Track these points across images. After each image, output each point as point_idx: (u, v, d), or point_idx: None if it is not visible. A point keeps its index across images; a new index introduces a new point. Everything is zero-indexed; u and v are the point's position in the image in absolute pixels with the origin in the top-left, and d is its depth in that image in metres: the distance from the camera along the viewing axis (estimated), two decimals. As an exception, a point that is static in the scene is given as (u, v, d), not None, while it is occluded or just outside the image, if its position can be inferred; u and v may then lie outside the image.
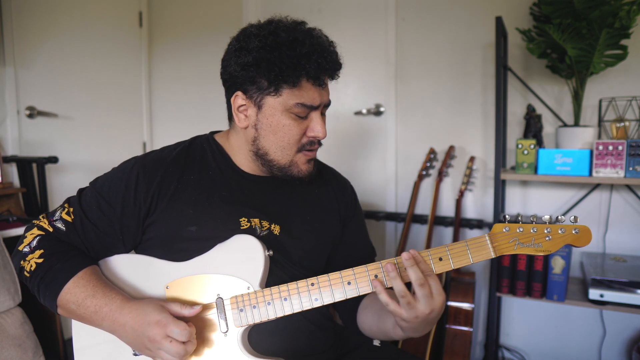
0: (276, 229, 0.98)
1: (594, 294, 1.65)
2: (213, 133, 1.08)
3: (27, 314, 1.46)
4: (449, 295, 1.93)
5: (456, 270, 2.03)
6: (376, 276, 0.85)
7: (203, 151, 1.02)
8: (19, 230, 1.64)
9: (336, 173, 1.18)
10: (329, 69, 0.92)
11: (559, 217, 0.83)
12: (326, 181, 1.12)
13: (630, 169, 1.62)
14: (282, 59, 0.87)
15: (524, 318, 2.15)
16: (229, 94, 0.97)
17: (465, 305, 1.91)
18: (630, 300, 1.61)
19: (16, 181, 2.09)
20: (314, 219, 1.05)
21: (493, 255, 0.83)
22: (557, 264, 1.71)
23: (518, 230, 0.83)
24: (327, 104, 0.98)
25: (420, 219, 2.20)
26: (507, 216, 0.85)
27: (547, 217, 0.83)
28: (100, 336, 0.90)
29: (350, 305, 1.06)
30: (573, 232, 0.82)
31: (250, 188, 1.00)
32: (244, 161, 1.01)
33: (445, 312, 1.92)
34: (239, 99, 0.94)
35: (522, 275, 1.77)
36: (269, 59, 0.88)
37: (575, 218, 0.82)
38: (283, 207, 1.02)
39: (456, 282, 1.98)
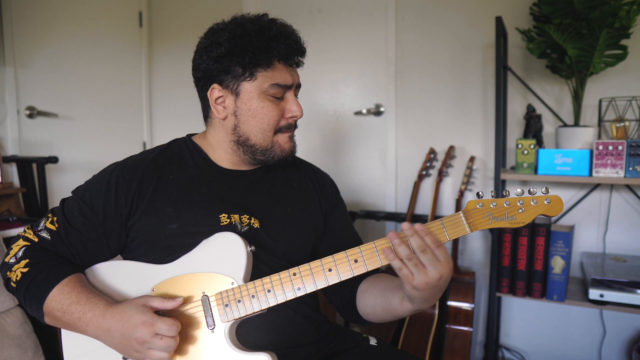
0: (256, 223, 0.99)
1: (594, 294, 1.65)
2: (190, 135, 1.10)
3: (27, 314, 1.46)
4: (448, 295, 1.93)
5: (456, 270, 2.03)
6: (356, 259, 0.86)
7: (181, 152, 1.04)
8: (19, 230, 1.64)
9: (315, 168, 1.20)
10: (297, 49, 0.98)
11: (531, 190, 0.84)
12: (305, 175, 1.14)
13: (630, 169, 1.62)
14: (253, 44, 0.92)
15: (524, 318, 2.15)
16: (203, 91, 1.00)
17: (465, 305, 1.91)
18: (630, 300, 1.61)
19: (16, 181, 2.09)
20: (294, 211, 1.06)
21: (468, 231, 0.84)
22: (557, 264, 1.71)
23: (491, 205, 0.85)
24: (299, 86, 1.02)
25: (420, 219, 2.19)
26: (480, 193, 0.86)
27: (519, 190, 0.84)
28: (89, 344, 0.90)
29: (346, 294, 1.07)
30: (545, 202, 0.83)
31: (229, 183, 1.02)
32: (223, 155, 1.03)
33: (445, 312, 1.92)
34: (215, 91, 0.98)
35: (522, 275, 1.77)
36: (240, 46, 0.93)
37: (547, 189, 0.83)
38: (263, 201, 1.03)
39: (456, 282, 1.98)
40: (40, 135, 2.28)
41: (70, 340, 0.93)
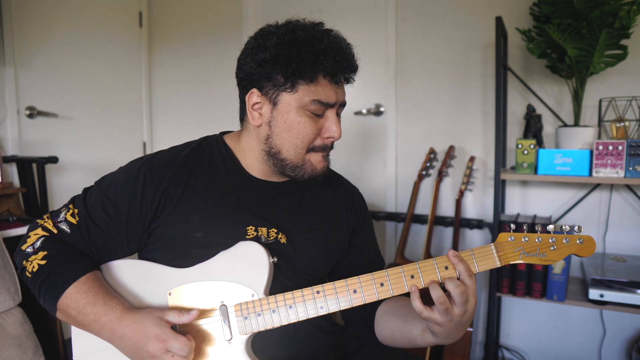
0: (283, 238, 0.96)
1: (594, 294, 1.65)
2: (223, 133, 1.06)
3: (27, 314, 1.46)
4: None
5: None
6: (382, 282, 0.84)
7: (212, 154, 0.99)
8: (19, 230, 1.64)
9: (345, 181, 1.16)
10: (346, 67, 0.92)
11: (563, 227, 0.83)
12: (335, 189, 1.10)
13: (630, 169, 1.62)
14: (299, 55, 0.87)
15: (524, 318, 2.15)
16: (243, 93, 0.96)
17: (465, 305, 1.90)
18: (630, 300, 1.61)
19: (16, 181, 2.09)
20: (321, 227, 1.03)
21: (499, 264, 0.82)
22: (557, 264, 1.71)
23: (523, 240, 0.83)
24: (343, 104, 0.97)
25: (420, 219, 2.20)
26: (512, 225, 0.85)
27: (551, 227, 0.83)
28: (99, 344, 0.89)
29: (364, 314, 1.04)
30: (577, 242, 0.83)
31: (258, 194, 0.98)
32: (254, 164, 0.99)
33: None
34: (254, 96, 0.93)
35: (522, 275, 1.77)
36: (286, 55, 0.87)
37: (580, 228, 0.82)
38: (291, 214, 1.00)
39: (456, 282, 1.97)
40: (40, 135, 2.28)
41: (80, 340, 0.92)
